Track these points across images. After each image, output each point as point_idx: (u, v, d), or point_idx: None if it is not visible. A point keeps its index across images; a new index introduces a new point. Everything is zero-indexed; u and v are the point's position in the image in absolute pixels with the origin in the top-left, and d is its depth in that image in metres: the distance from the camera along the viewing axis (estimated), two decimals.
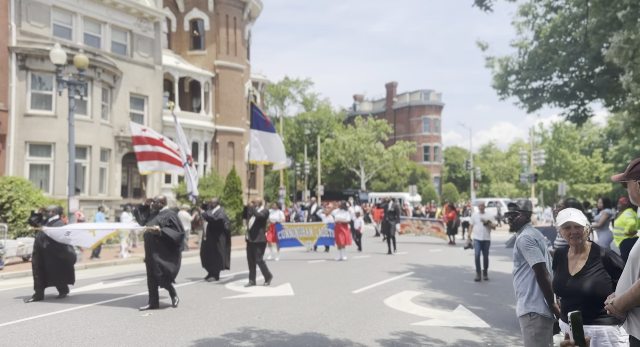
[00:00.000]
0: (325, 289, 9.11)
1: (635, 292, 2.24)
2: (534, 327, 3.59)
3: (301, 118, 58.19)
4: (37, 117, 17.87)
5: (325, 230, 13.96)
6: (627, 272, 2.38)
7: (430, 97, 56.07)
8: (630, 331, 2.32)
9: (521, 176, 34.39)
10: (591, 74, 16.55)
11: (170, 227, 7.45)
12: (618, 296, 2.37)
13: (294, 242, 14.14)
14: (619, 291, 2.41)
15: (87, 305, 7.61)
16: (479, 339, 5.86)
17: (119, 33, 21.52)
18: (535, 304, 3.62)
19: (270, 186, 40.16)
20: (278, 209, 14.47)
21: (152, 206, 7.76)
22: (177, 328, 6.25)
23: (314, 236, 14.05)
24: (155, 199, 7.74)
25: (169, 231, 7.38)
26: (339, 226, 13.79)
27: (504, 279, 10.38)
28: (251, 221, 9.36)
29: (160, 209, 7.67)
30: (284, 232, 13.96)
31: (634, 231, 7.60)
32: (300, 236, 14.07)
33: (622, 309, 2.33)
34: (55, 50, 13.14)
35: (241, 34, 27.72)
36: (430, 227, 20.18)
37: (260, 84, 31.68)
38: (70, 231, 8.16)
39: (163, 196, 7.84)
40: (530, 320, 3.61)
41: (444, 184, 53.12)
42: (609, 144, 52.29)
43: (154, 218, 7.57)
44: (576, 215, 3.10)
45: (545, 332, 3.59)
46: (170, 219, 7.50)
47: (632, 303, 2.27)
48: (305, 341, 5.66)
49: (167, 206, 7.81)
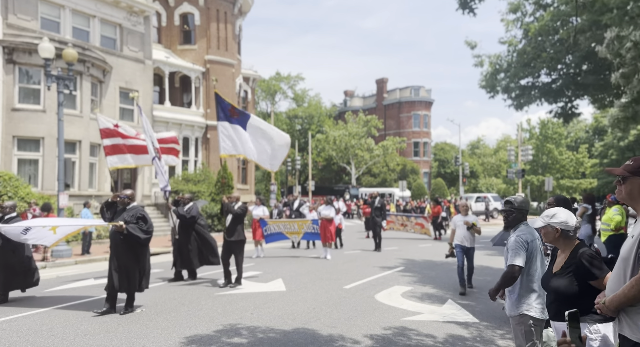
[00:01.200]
0: (317, 284, 9.19)
1: (628, 292, 2.26)
2: (524, 325, 3.68)
3: (292, 113, 58.09)
4: (25, 112, 17.65)
5: (310, 226, 13.69)
6: (619, 272, 2.39)
7: (420, 93, 56.30)
8: (622, 330, 2.35)
9: (509, 172, 34.77)
10: (578, 71, 16.75)
11: (138, 225, 6.79)
12: (610, 296, 2.38)
13: (280, 236, 14.00)
14: (610, 290, 2.43)
15: (78, 301, 7.60)
16: (468, 334, 5.98)
17: (108, 27, 21.28)
18: (527, 305, 3.68)
19: (262, 181, 40.15)
20: (261, 205, 14.23)
21: (119, 202, 7.10)
22: (170, 325, 6.29)
23: (299, 231, 13.83)
24: (122, 195, 7.09)
25: (134, 229, 6.72)
26: (324, 222, 13.42)
27: (492, 273, 10.54)
28: (228, 218, 8.98)
29: (128, 206, 7.03)
30: (269, 227, 13.82)
31: (619, 227, 7.77)
32: (286, 231, 13.90)
33: (614, 308, 2.34)
34: (44, 45, 12.98)
35: (232, 28, 27.56)
36: (414, 224, 20.02)
37: (251, 79, 31.55)
38: (30, 229, 7.42)
39: (131, 191, 7.23)
40: (520, 319, 3.70)
41: (433, 180, 53.47)
42: (595, 139, 53.01)
43: (120, 215, 6.95)
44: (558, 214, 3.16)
45: (536, 329, 3.68)
46: (138, 217, 6.85)
47: (624, 303, 2.29)
48: (297, 337, 5.73)
49: (136, 202, 7.23)
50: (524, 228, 3.86)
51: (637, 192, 2.40)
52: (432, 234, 19.56)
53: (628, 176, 2.42)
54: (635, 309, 2.27)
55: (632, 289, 2.24)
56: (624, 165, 2.50)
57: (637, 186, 2.39)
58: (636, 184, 2.39)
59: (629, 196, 2.43)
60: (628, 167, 2.44)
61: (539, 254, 3.81)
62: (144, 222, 6.86)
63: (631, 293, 2.25)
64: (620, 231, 7.61)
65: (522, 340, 3.69)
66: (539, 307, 3.69)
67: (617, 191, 2.53)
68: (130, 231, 6.71)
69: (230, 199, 9.17)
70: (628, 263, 2.33)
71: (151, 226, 6.95)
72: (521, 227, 3.89)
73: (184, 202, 9.80)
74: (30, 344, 5.45)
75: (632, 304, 2.27)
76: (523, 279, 3.73)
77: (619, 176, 2.47)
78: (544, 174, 46.71)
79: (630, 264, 2.32)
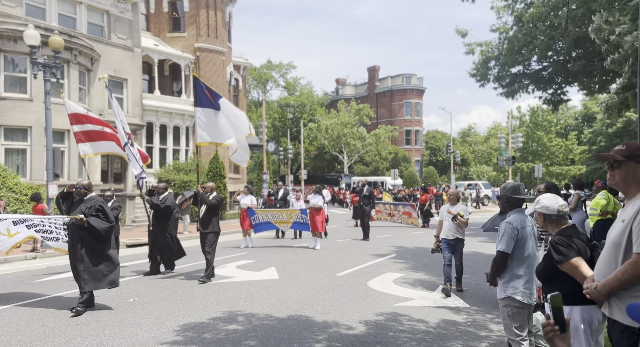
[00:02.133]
0: (310, 272, 9.24)
1: (622, 276, 2.26)
2: (510, 307, 3.82)
3: (284, 102, 57.78)
4: (11, 101, 17.33)
5: (299, 215, 13.37)
6: (609, 256, 2.39)
7: (411, 81, 56.20)
8: (612, 314, 2.36)
9: (499, 159, 35.01)
10: (569, 58, 16.80)
11: (97, 217, 6.35)
12: (602, 281, 2.38)
13: (269, 226, 13.76)
14: (600, 275, 2.43)
15: (70, 291, 7.56)
16: (459, 318, 6.06)
17: (95, 14, 20.87)
18: (513, 288, 3.79)
19: (254, 171, 39.98)
20: (249, 194, 13.88)
21: (75, 193, 6.61)
22: (163, 313, 6.29)
23: (288, 221, 13.54)
24: (78, 185, 6.60)
25: (95, 222, 6.26)
26: (312, 211, 13.05)
27: (483, 259, 10.66)
28: (202, 209, 8.54)
29: (85, 197, 6.55)
30: (257, 216, 13.54)
31: (606, 212, 7.86)
32: (275, 220, 13.64)
33: (606, 293, 2.35)
34: (29, 32, 12.72)
35: (222, 15, 27.18)
36: (401, 213, 19.89)
37: (242, 67, 31.24)
38: None
39: (87, 181, 6.74)
40: (507, 301, 3.82)
41: (425, 168, 53.72)
42: (584, 127, 53.47)
43: (78, 207, 6.48)
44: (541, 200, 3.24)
45: (522, 311, 3.80)
46: (97, 208, 6.39)
47: (617, 287, 2.30)
48: (291, 323, 5.77)
49: (94, 193, 6.76)
50: (516, 215, 3.91)
51: (631, 177, 2.38)
52: (420, 223, 19.49)
53: (623, 160, 2.39)
54: (627, 293, 2.28)
55: (626, 273, 2.25)
56: (616, 150, 2.46)
57: (632, 170, 2.37)
58: (630, 168, 2.37)
59: (623, 180, 2.41)
60: (622, 152, 2.41)
61: (530, 240, 3.86)
62: (104, 214, 6.41)
63: (624, 277, 2.26)
64: (608, 215, 7.72)
65: (509, 322, 3.80)
66: (527, 292, 3.77)
67: (610, 176, 2.48)
68: (91, 224, 6.24)
69: (205, 188, 8.77)
70: (619, 248, 2.33)
71: (112, 217, 6.54)
72: (514, 213, 3.93)
73: (159, 192, 9.32)
74: (22, 334, 5.42)
75: (625, 288, 2.28)
76: (512, 263, 3.81)
77: (612, 161, 2.43)
78: (533, 161, 47.13)
79: (622, 248, 2.33)
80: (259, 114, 49.44)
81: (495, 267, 3.85)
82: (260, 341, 5.13)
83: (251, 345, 4.99)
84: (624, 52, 9.19)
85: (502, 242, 3.79)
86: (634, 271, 2.23)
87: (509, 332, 3.86)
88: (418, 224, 19.32)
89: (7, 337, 5.31)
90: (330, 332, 5.42)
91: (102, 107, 20.22)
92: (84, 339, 5.21)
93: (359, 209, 15.23)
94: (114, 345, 5.02)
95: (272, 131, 54.85)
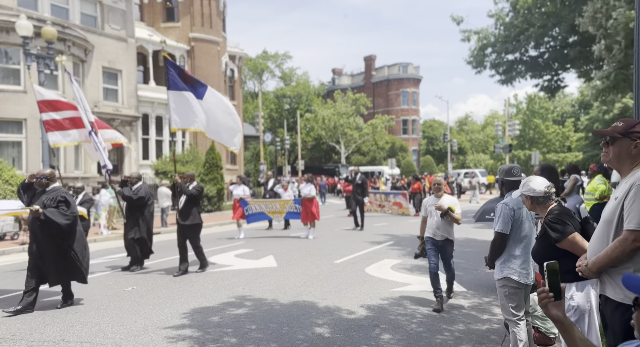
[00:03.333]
0: (308, 260, 9.28)
1: (611, 253, 2.28)
2: (507, 287, 3.86)
3: (280, 93, 57.53)
4: (5, 93, 17.22)
5: (292, 205, 13.20)
6: (601, 234, 2.41)
7: (408, 70, 55.98)
8: (604, 291, 2.38)
9: (496, 147, 35.07)
10: (565, 44, 16.76)
11: (58, 209, 5.88)
12: (592, 258, 2.40)
13: (262, 216, 13.52)
14: (592, 253, 2.45)
15: None
16: (456, 302, 6.11)
17: (88, 4, 20.66)
18: (509, 269, 3.84)
19: (251, 162, 40.00)
20: (242, 184, 13.70)
21: (36, 184, 6.12)
22: (161, 301, 6.31)
23: (281, 211, 13.33)
24: (39, 175, 6.13)
25: (53, 214, 5.78)
26: (305, 201, 12.82)
27: (479, 245, 10.72)
28: (182, 200, 8.16)
29: (47, 187, 6.10)
30: (250, 207, 13.31)
31: (604, 196, 7.90)
32: (268, 210, 13.41)
33: (596, 270, 2.36)
34: (21, 22, 12.57)
35: (216, 5, 26.94)
36: (392, 204, 19.63)
37: (238, 57, 31.04)
38: None
39: (50, 170, 6.27)
40: (504, 282, 3.87)
41: (422, 157, 53.79)
42: (580, 113, 53.54)
43: (39, 198, 6.04)
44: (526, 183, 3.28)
45: (518, 292, 3.85)
46: (59, 200, 5.94)
47: (607, 264, 2.31)
48: (290, 308, 5.80)
49: (57, 183, 6.34)
50: (511, 197, 3.94)
51: (625, 154, 2.38)
52: (411, 212, 19.00)
53: (618, 137, 2.39)
54: (617, 270, 2.29)
55: (616, 250, 2.27)
56: (612, 127, 2.46)
57: (626, 147, 2.37)
58: (625, 145, 2.37)
59: (617, 157, 2.41)
60: (618, 128, 2.41)
61: (527, 221, 3.89)
62: (66, 206, 5.95)
63: (614, 254, 2.27)
64: (604, 199, 7.75)
65: (506, 302, 3.84)
66: (524, 272, 3.81)
67: (604, 153, 2.49)
68: (48, 216, 5.75)
69: (184, 178, 8.34)
70: (611, 225, 2.35)
71: (74, 209, 6.06)
72: (510, 195, 3.97)
73: (132, 182, 8.67)
74: (21, 322, 5.44)
75: (615, 265, 2.29)
76: (509, 244, 3.84)
77: (607, 138, 2.44)
78: (530, 149, 47.24)
79: (613, 226, 2.34)
80: (255, 105, 49.29)
81: (493, 248, 3.89)
82: (259, 325, 5.16)
83: (252, 329, 5.03)
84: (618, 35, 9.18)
85: (499, 224, 3.82)
86: (624, 247, 2.24)
87: (506, 312, 3.91)
88: (409, 213, 19.09)
89: (7, 325, 5.33)
90: (330, 317, 5.46)
91: (97, 98, 20.11)
92: (83, 326, 5.24)
93: (353, 198, 14.80)
94: (113, 332, 5.04)
95: (269, 122, 54.70)
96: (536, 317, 4.37)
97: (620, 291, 2.26)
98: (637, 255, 2.25)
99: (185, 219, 8.11)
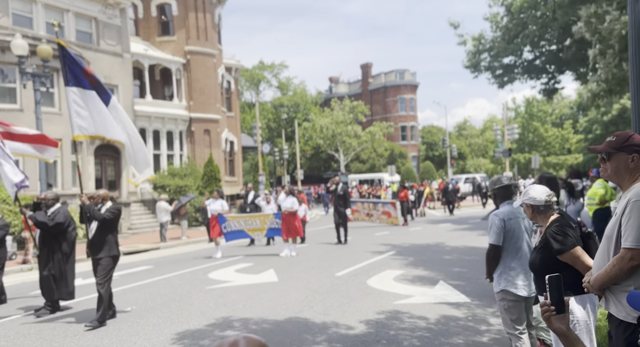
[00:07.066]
0: (309, 273, 9.18)
1: (610, 271, 2.26)
2: (506, 300, 3.80)
3: (277, 102, 57.66)
4: (1, 112, 17.18)
5: (273, 220, 12.17)
6: (604, 250, 2.39)
7: (405, 76, 56.15)
8: (608, 308, 2.36)
9: (495, 151, 35.01)
10: (560, 47, 16.83)
11: None
12: (594, 275, 2.39)
13: (241, 234, 12.52)
14: (596, 268, 2.43)
15: (66, 302, 7.47)
16: (460, 313, 6.01)
17: (83, 21, 20.74)
18: (506, 281, 3.78)
19: (249, 173, 39.95)
20: (219, 199, 12.55)
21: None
22: (161, 321, 6.21)
23: (262, 227, 12.32)
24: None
25: None
26: (286, 216, 11.76)
27: (482, 253, 10.60)
28: (92, 227, 6.33)
29: None
30: (228, 224, 12.34)
31: (604, 201, 7.85)
32: (248, 228, 12.41)
33: (598, 287, 2.35)
34: (17, 41, 12.60)
35: (211, 18, 27.06)
36: (380, 213, 18.71)
37: (234, 68, 31.13)
38: None
39: None
40: (502, 295, 3.82)
41: (422, 163, 53.74)
42: (579, 115, 53.61)
43: None
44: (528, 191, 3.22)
45: (518, 304, 3.80)
46: None
47: (607, 282, 2.29)
48: (291, 326, 5.70)
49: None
50: (505, 207, 3.92)
51: (623, 168, 2.35)
52: (400, 221, 18.30)
53: (613, 152, 2.37)
54: (619, 288, 2.27)
55: (614, 268, 2.25)
56: (606, 142, 2.43)
57: (623, 162, 2.34)
58: (622, 160, 2.35)
59: (615, 173, 2.39)
60: (612, 144, 2.38)
61: (522, 233, 3.84)
62: None
63: (613, 272, 2.26)
64: (606, 204, 7.70)
65: (506, 315, 3.77)
66: (521, 284, 3.75)
67: (602, 169, 2.46)
68: None
69: (95, 199, 6.44)
70: (611, 242, 2.34)
71: None
72: (503, 205, 3.95)
73: (47, 205, 7.03)
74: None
75: (616, 282, 2.27)
76: (505, 256, 3.78)
77: (603, 154, 2.41)
78: (530, 152, 47.22)
79: (613, 242, 2.33)
80: (253, 116, 49.37)
81: (488, 260, 3.87)
82: None
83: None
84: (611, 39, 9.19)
85: (491, 235, 3.80)
86: (621, 265, 2.22)
87: (507, 326, 3.83)
88: (398, 222, 18.19)
89: None
90: (331, 333, 5.36)
91: None
92: None
93: (335, 210, 13.64)
94: None
95: (267, 132, 54.75)
96: (541, 329, 4.28)
97: (623, 309, 2.24)
98: (637, 273, 2.22)
99: (98, 252, 6.26)
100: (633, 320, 2.17)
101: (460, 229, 16.05)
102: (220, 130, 27.07)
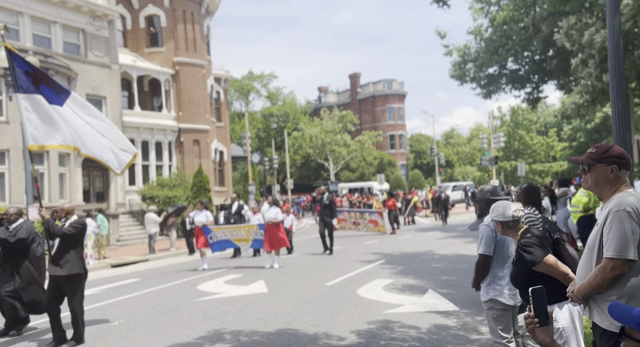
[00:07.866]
0: (299, 283, 9.17)
1: (593, 280, 2.31)
2: (494, 310, 3.84)
3: (267, 112, 57.78)
4: None
5: (257, 231, 11.91)
6: (587, 260, 2.44)
7: (393, 86, 56.72)
8: (591, 317, 2.40)
9: (482, 159, 35.43)
10: (544, 57, 17.19)
11: None
12: (578, 285, 2.44)
13: (228, 244, 12.35)
14: (579, 278, 2.48)
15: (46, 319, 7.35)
16: (449, 322, 6.06)
17: (70, 33, 20.68)
18: (495, 291, 3.82)
19: (239, 183, 39.81)
20: (205, 210, 12.32)
21: None
22: (149, 335, 6.16)
23: (247, 238, 12.07)
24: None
25: None
26: (269, 227, 11.47)
27: (471, 261, 10.68)
28: (55, 243, 6.01)
29: None
30: (214, 234, 12.16)
31: (587, 208, 8.00)
32: (233, 238, 12.19)
33: (582, 297, 2.40)
34: (2, 54, 12.50)
35: (200, 29, 27.15)
36: (367, 221, 18.50)
37: (223, 79, 31.18)
38: None
39: None
40: (491, 304, 3.85)
41: (411, 171, 54.08)
42: (563, 123, 54.49)
43: None
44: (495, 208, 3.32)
45: (506, 313, 3.83)
46: None
47: (590, 291, 2.34)
48: (280, 338, 5.69)
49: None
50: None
51: (602, 179, 2.41)
52: (388, 230, 18.32)
53: (593, 163, 2.43)
54: (602, 297, 2.32)
55: (596, 277, 2.30)
56: (587, 154, 2.50)
57: (602, 173, 2.40)
58: (601, 171, 2.40)
59: (596, 184, 2.44)
60: (592, 155, 2.44)
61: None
62: None
63: (595, 282, 2.30)
64: (589, 211, 7.84)
65: (494, 324, 3.81)
66: (508, 293, 3.79)
67: (583, 180, 2.52)
68: None
69: (57, 213, 6.11)
70: (593, 252, 2.38)
71: None
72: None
73: (10, 220, 6.66)
74: None
75: (598, 291, 2.32)
76: (493, 265, 3.83)
77: (584, 165, 2.47)
78: (516, 160, 47.79)
79: (595, 252, 2.38)
80: (242, 126, 49.34)
81: (478, 270, 3.89)
82: None
83: None
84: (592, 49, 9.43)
85: (482, 245, 3.82)
86: (603, 275, 2.27)
87: (495, 335, 3.87)
88: (386, 231, 18.13)
89: None
90: (321, 345, 5.36)
91: None
92: None
93: (321, 220, 13.44)
94: None
95: (257, 142, 54.75)
96: (527, 337, 4.34)
97: (606, 318, 2.27)
98: (619, 283, 2.27)
99: (61, 268, 5.83)
100: (616, 329, 2.20)
101: (449, 237, 16.16)
102: (210, 140, 27.02)
